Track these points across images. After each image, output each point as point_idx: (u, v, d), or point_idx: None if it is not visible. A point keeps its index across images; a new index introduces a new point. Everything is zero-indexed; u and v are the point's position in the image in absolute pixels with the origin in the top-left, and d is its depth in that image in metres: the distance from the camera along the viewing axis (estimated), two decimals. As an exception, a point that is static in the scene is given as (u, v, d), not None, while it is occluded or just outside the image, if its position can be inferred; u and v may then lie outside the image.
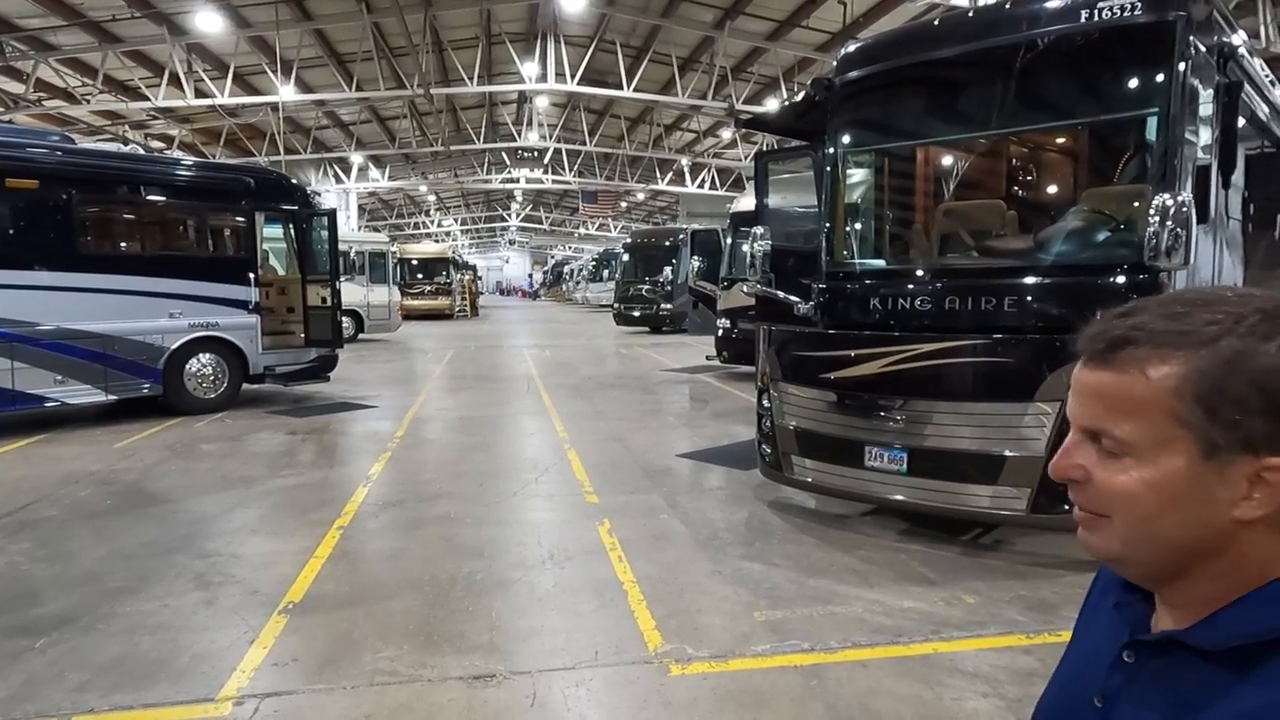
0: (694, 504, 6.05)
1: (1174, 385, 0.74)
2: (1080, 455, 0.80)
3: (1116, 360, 0.76)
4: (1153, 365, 0.75)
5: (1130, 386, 0.75)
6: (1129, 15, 4.82)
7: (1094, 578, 1.02)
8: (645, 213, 49.89)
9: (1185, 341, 0.74)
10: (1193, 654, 0.76)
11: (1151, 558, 0.78)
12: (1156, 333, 0.75)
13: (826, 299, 5.88)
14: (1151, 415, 0.74)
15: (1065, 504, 2.94)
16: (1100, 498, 0.78)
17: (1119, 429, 0.76)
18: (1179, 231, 4.33)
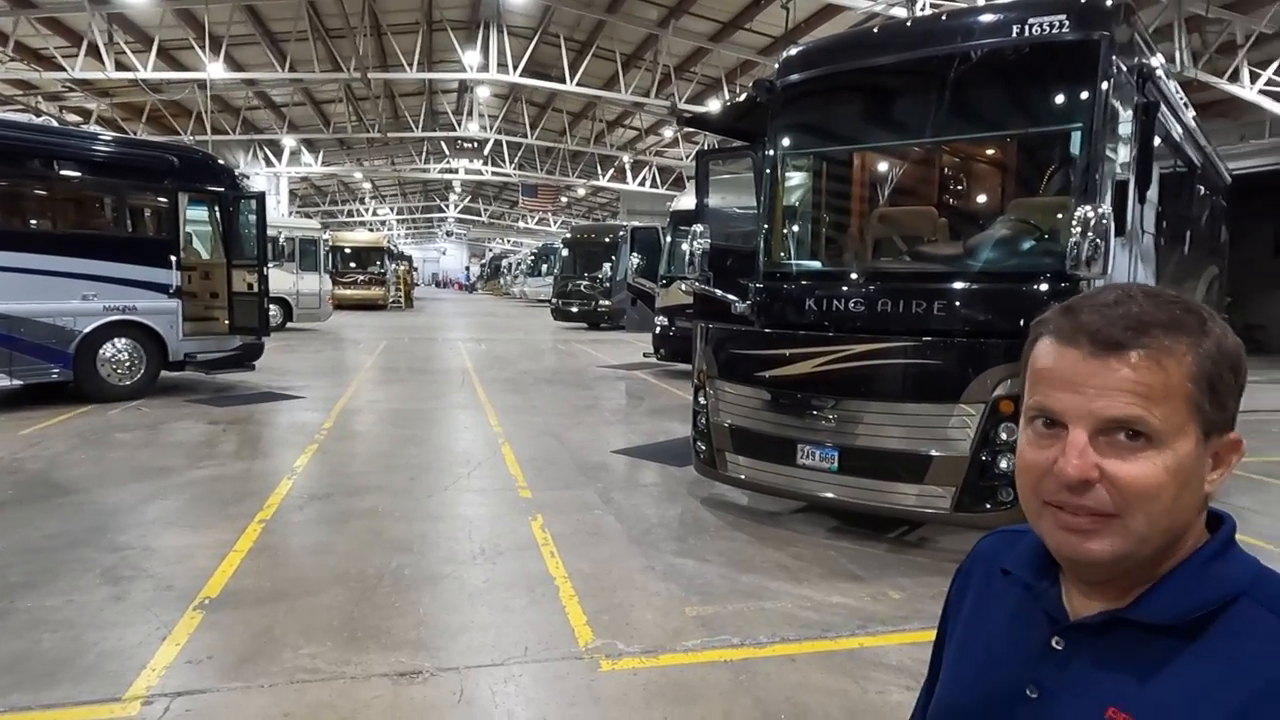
0: (628, 500, 6.04)
1: (1191, 371, 0.76)
2: (1094, 454, 0.76)
3: (1141, 347, 0.76)
4: (1174, 352, 0.77)
5: (1160, 374, 0.76)
6: (1057, 33, 4.99)
7: (963, 565, 1.03)
8: (585, 208, 49.71)
9: (1186, 330, 0.78)
10: (1139, 630, 0.78)
11: (1153, 549, 0.78)
12: (1163, 322, 0.77)
13: (763, 298, 5.94)
14: (1175, 401, 0.76)
15: (987, 503, 3.02)
16: (1118, 494, 0.76)
17: (1152, 417, 0.75)
18: (1098, 242, 4.50)
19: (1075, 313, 0.80)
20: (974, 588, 0.99)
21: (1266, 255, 20.35)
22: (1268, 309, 20.76)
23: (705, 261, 6.28)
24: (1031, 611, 0.87)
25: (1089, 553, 0.77)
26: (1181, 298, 0.81)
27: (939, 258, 5.59)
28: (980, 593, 0.98)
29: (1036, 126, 5.57)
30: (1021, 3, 5.77)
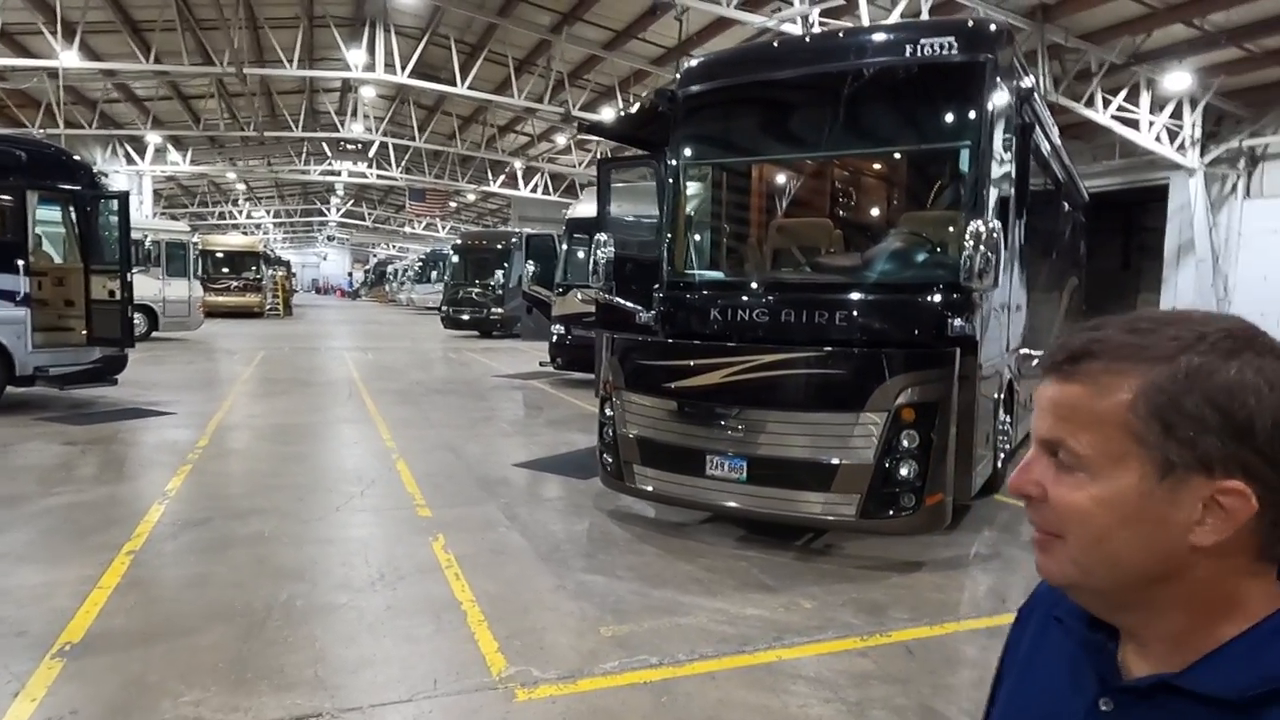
0: (533, 515, 5.87)
1: (1129, 399, 0.72)
2: (1038, 471, 0.77)
3: (1076, 373, 0.75)
4: (1110, 378, 0.73)
5: (1087, 399, 0.74)
6: (945, 54, 5.19)
7: (1023, 606, 0.99)
8: (475, 214, 48.76)
9: (1144, 356, 0.72)
10: (1190, 701, 0.72)
11: (1107, 583, 0.75)
12: (1116, 346, 0.74)
13: (667, 308, 5.92)
14: (1107, 429, 0.72)
15: (890, 510, 3.06)
16: (1054, 515, 0.75)
17: (1075, 441, 0.74)
18: (989, 255, 4.68)
19: (1060, 338, 0.80)
20: (1031, 632, 0.94)
21: (1116, 268, 22.13)
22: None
23: (609, 270, 6.19)
24: (1084, 667, 0.81)
25: (1043, 568, 0.79)
26: (1187, 321, 0.74)
27: (839, 269, 5.72)
28: (1036, 639, 0.92)
29: (927, 143, 5.79)
30: (913, 24, 6.01)
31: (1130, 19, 12.07)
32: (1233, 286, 14.81)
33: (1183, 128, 14.11)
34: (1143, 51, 12.91)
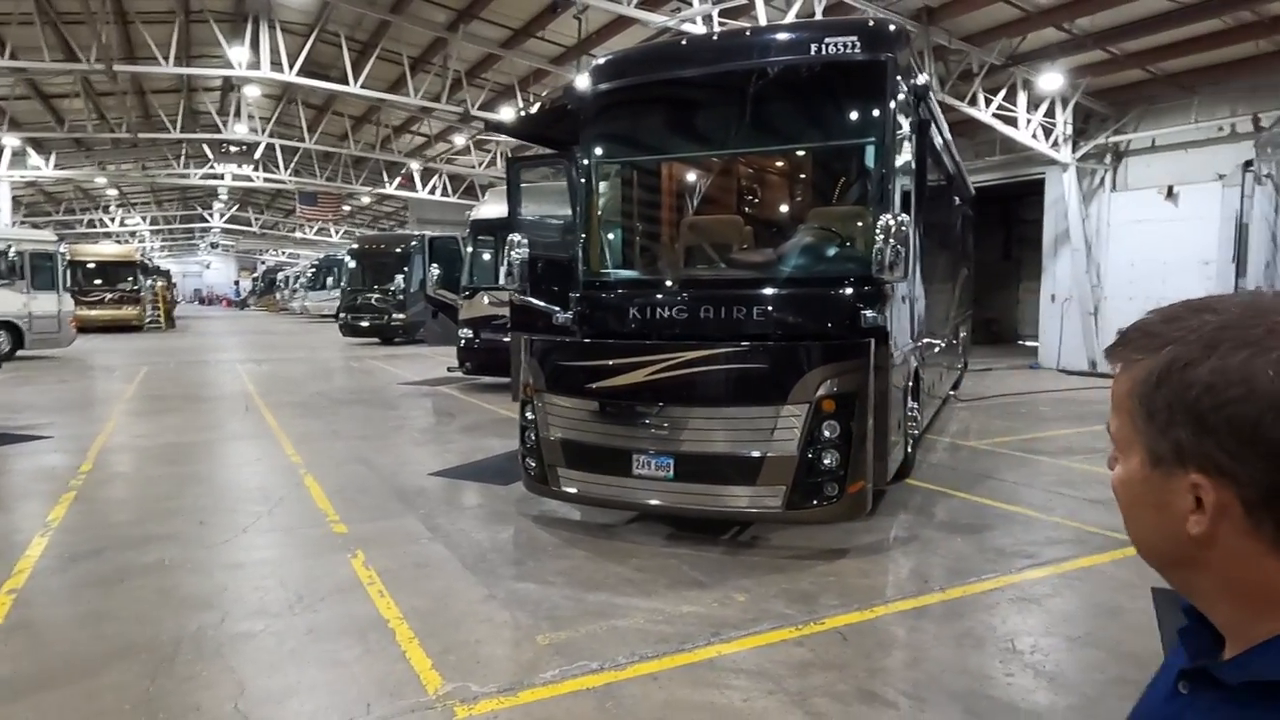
0: (455, 525, 5.71)
1: (1128, 387, 0.76)
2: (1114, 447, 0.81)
3: (1112, 355, 0.79)
4: (1130, 364, 0.76)
5: (1115, 382, 0.79)
6: (848, 53, 5.32)
7: None
8: (371, 217, 47.21)
9: (1150, 345, 0.75)
10: (1227, 690, 0.72)
11: (1149, 562, 0.78)
12: (1142, 333, 0.77)
13: (584, 308, 5.87)
14: (1121, 414, 0.77)
15: (814, 500, 3.12)
16: None
17: (1110, 421, 0.80)
18: (899, 248, 4.83)
19: None
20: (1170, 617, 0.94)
21: (998, 258, 23.41)
22: (1000, 305, 23.88)
23: (524, 271, 6.08)
24: (1180, 650, 0.82)
25: None
26: (1216, 309, 0.73)
27: (755, 265, 5.79)
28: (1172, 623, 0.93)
29: (832, 140, 5.94)
30: (817, 23, 6.15)
31: (1007, 22, 12.72)
32: (1104, 273, 15.85)
33: (1056, 125, 15.00)
34: (1019, 53, 13.65)
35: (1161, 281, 14.92)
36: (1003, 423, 10.12)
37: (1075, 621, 4.05)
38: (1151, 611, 3.45)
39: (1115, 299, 15.75)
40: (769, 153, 6.68)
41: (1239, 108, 13.79)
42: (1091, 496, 6.46)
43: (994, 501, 6.31)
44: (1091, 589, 4.49)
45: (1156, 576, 1.30)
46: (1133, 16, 11.99)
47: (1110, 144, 15.57)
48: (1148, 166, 15.30)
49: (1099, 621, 4.04)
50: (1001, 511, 6.04)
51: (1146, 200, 15.16)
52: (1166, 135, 14.86)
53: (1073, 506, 6.16)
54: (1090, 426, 9.79)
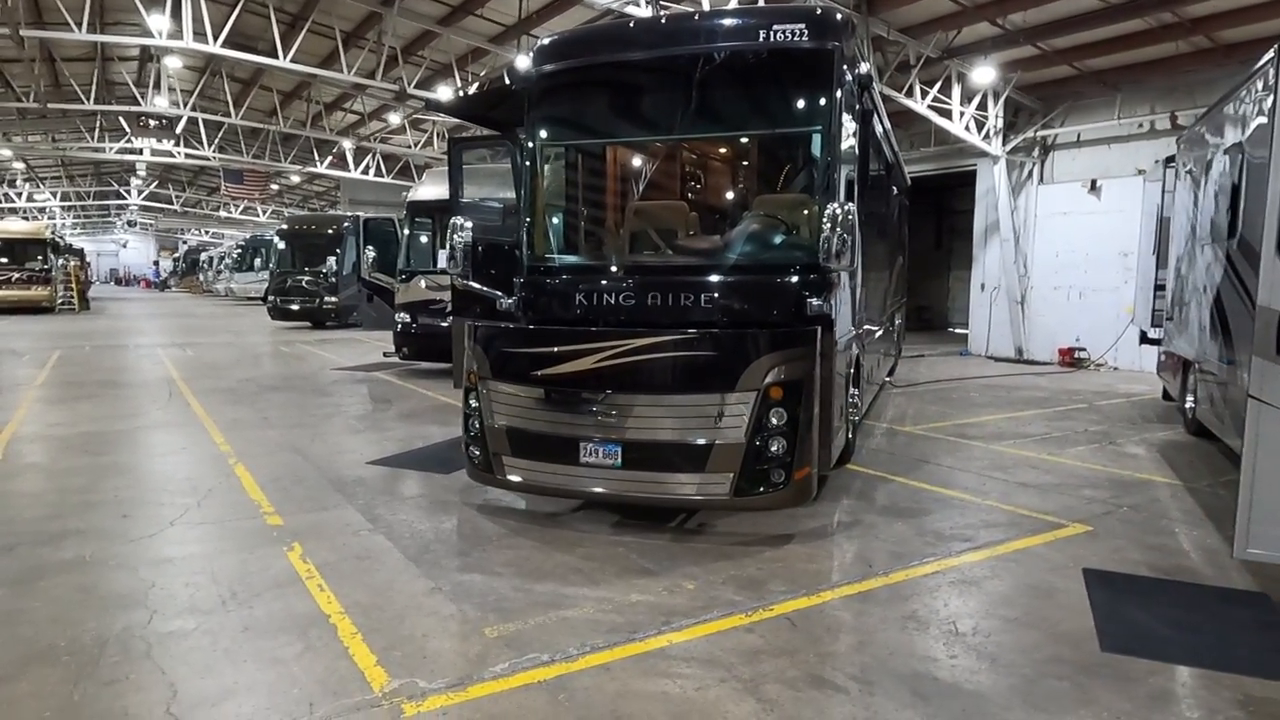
0: (396, 515, 5.56)
1: None
2: None
3: None
4: None
5: None
6: (796, 40, 5.33)
7: None
8: (300, 197, 45.68)
9: None
10: None
11: None
12: None
13: (529, 294, 5.77)
14: None
15: (761, 487, 3.14)
16: None
17: None
18: (845, 237, 4.87)
19: None
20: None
21: (931, 248, 24.01)
22: (932, 292, 24.52)
23: (467, 255, 5.93)
24: None
25: None
26: None
27: (702, 252, 5.77)
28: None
29: (779, 127, 5.94)
30: (764, 9, 6.12)
31: (944, 15, 12.97)
32: (1032, 263, 16.38)
33: (988, 118, 15.40)
34: (954, 46, 13.94)
35: (1084, 272, 15.54)
36: (936, 408, 10.38)
37: (1012, 603, 4.17)
38: (1083, 592, 3.60)
39: (1041, 288, 16.31)
40: (715, 138, 6.65)
41: (1158, 106, 14.37)
42: (1022, 480, 6.67)
43: (931, 486, 6.46)
44: (1026, 571, 4.63)
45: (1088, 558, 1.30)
46: (1062, 14, 12.36)
47: (1038, 138, 16.06)
48: (1073, 160, 15.84)
49: (1034, 603, 4.17)
50: (939, 496, 6.19)
51: (1071, 193, 15.70)
52: (1091, 130, 15.40)
53: (1005, 490, 6.35)
54: (1018, 412, 10.13)
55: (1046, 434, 8.66)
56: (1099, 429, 8.99)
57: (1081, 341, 15.46)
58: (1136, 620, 3.96)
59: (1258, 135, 4.80)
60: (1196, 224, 6.78)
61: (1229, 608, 4.19)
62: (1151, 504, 6.02)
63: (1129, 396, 11.51)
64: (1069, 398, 11.40)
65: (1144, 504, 6.01)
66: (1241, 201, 5.13)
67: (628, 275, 5.50)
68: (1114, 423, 9.41)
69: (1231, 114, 5.74)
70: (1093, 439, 8.41)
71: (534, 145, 6.00)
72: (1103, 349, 15.06)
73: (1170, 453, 7.77)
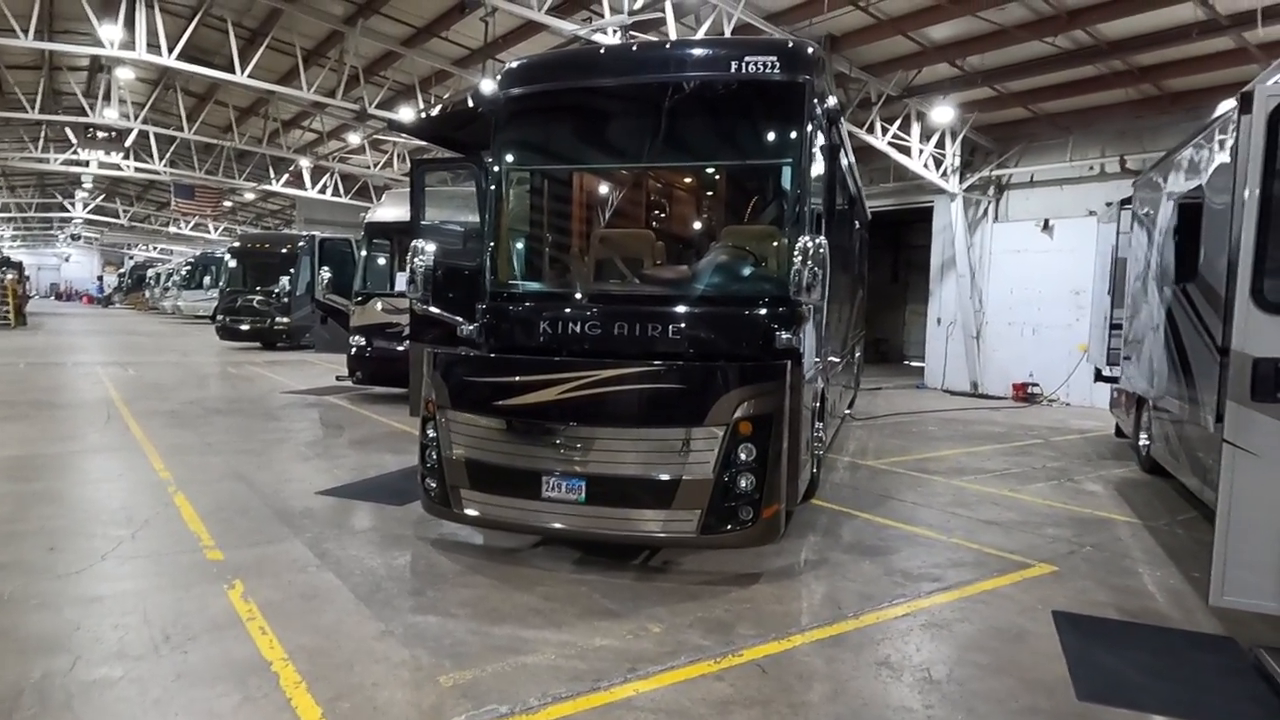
0: (346, 551, 5.30)
1: None
2: None
3: None
4: None
5: None
6: (768, 72, 5.30)
7: None
8: (254, 215, 44.74)
9: None
10: None
11: None
12: None
13: (492, 321, 5.60)
14: None
15: (729, 524, 3.01)
16: None
17: None
18: (816, 270, 4.80)
19: None
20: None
21: (888, 280, 24.36)
22: (888, 325, 24.84)
23: (428, 279, 5.73)
24: None
25: None
26: None
27: (670, 282, 5.67)
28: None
29: (749, 159, 5.90)
30: (736, 41, 6.12)
31: (904, 55, 13.22)
32: (987, 299, 16.67)
33: (946, 156, 15.71)
34: (914, 85, 14.21)
35: (1037, 309, 15.85)
36: (896, 442, 10.39)
37: (985, 648, 4.08)
38: (1054, 635, 3.47)
39: (996, 324, 16.60)
40: (683, 168, 6.58)
41: (1108, 149, 14.81)
42: (985, 517, 6.65)
43: (896, 523, 6.39)
44: (995, 613, 4.56)
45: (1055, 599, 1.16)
46: (1018, 58, 12.71)
47: (994, 177, 16.42)
48: (1026, 200, 16.22)
49: (1007, 647, 4.09)
50: (904, 533, 6.12)
51: (1025, 231, 16.06)
52: (1044, 171, 15.79)
53: (969, 527, 6.32)
54: (977, 447, 10.19)
55: (1006, 469, 8.70)
56: (1056, 465, 9.07)
57: (1035, 377, 15.72)
58: (1109, 666, 3.89)
59: (1218, 181, 4.89)
60: (1153, 265, 6.91)
61: (1199, 653, 4.16)
62: (1113, 543, 6.03)
63: (1083, 433, 11.69)
64: (1025, 433, 11.52)
65: (1106, 543, 6.01)
66: (1201, 245, 5.20)
67: (593, 304, 5.37)
68: (1070, 459, 9.51)
69: (1190, 160, 5.85)
70: (1051, 475, 8.47)
71: (500, 169, 5.86)
72: (1055, 385, 15.33)
73: (1127, 490, 7.85)
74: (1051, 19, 11.45)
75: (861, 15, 11.79)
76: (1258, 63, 11.83)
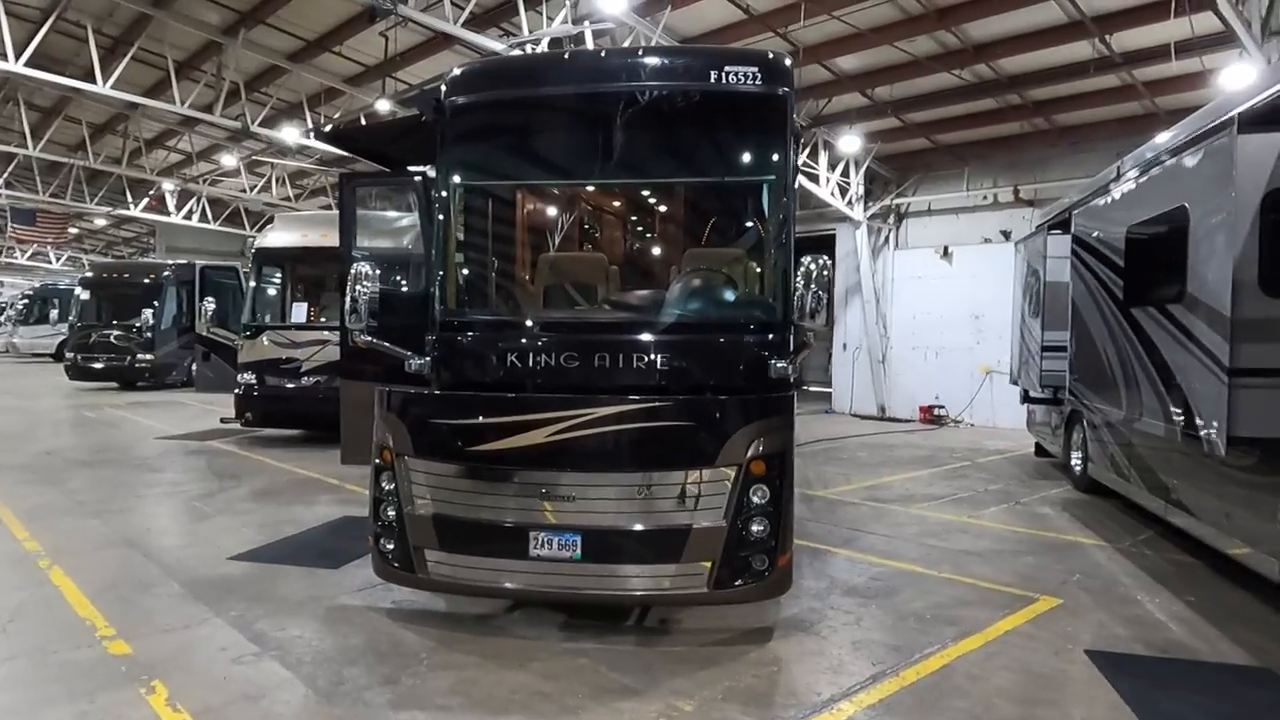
0: (286, 631, 4.44)
1: None
2: None
3: None
4: None
5: None
6: (749, 84, 4.94)
7: None
8: (104, 243, 40.93)
9: None
10: None
11: None
12: None
13: (445, 353, 4.89)
14: None
15: (744, 576, 2.44)
16: None
17: None
18: (821, 294, 4.43)
19: None
20: None
21: (787, 307, 24.68)
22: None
23: (372, 308, 4.97)
24: None
25: None
26: None
27: (657, 306, 5.15)
28: None
29: (730, 174, 5.47)
30: (713, 50, 5.74)
31: (818, 83, 13.34)
32: (891, 324, 17.04)
33: (850, 185, 16.01)
34: (823, 115, 14.41)
35: (940, 333, 16.30)
36: (834, 469, 10.23)
37: (1042, 699, 3.75)
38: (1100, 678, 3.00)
39: (900, 348, 16.97)
40: (660, 184, 6.06)
41: (1000, 179, 15.49)
42: (961, 547, 6.45)
43: (879, 559, 6.07)
44: (1029, 656, 4.26)
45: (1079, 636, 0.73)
46: (926, 89, 13.07)
47: (894, 205, 16.88)
48: (925, 227, 16.73)
49: (1061, 695, 3.78)
50: (894, 570, 5.80)
51: (925, 258, 16.54)
52: (940, 200, 16.35)
53: (952, 559, 6.08)
54: (913, 471, 10.15)
55: (954, 494, 8.63)
56: (997, 488, 9.09)
57: (940, 399, 16.11)
58: (1175, 712, 3.65)
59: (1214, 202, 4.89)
60: (1109, 288, 6.97)
61: (1245, 688, 4.00)
62: (1096, 569, 5.92)
63: (1002, 453, 11.91)
64: (949, 455, 11.63)
65: (1090, 570, 5.90)
66: (1189, 264, 5.19)
67: (568, 333, 4.77)
68: (1005, 480, 9.59)
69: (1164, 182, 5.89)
70: (998, 498, 8.44)
71: (449, 185, 5.20)
72: (960, 406, 15.75)
73: (1076, 511, 7.87)
74: (959, 51, 11.81)
75: (781, 42, 11.78)
76: (1141, 99, 12.66)
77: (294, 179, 24.10)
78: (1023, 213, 15.32)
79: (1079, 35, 11.06)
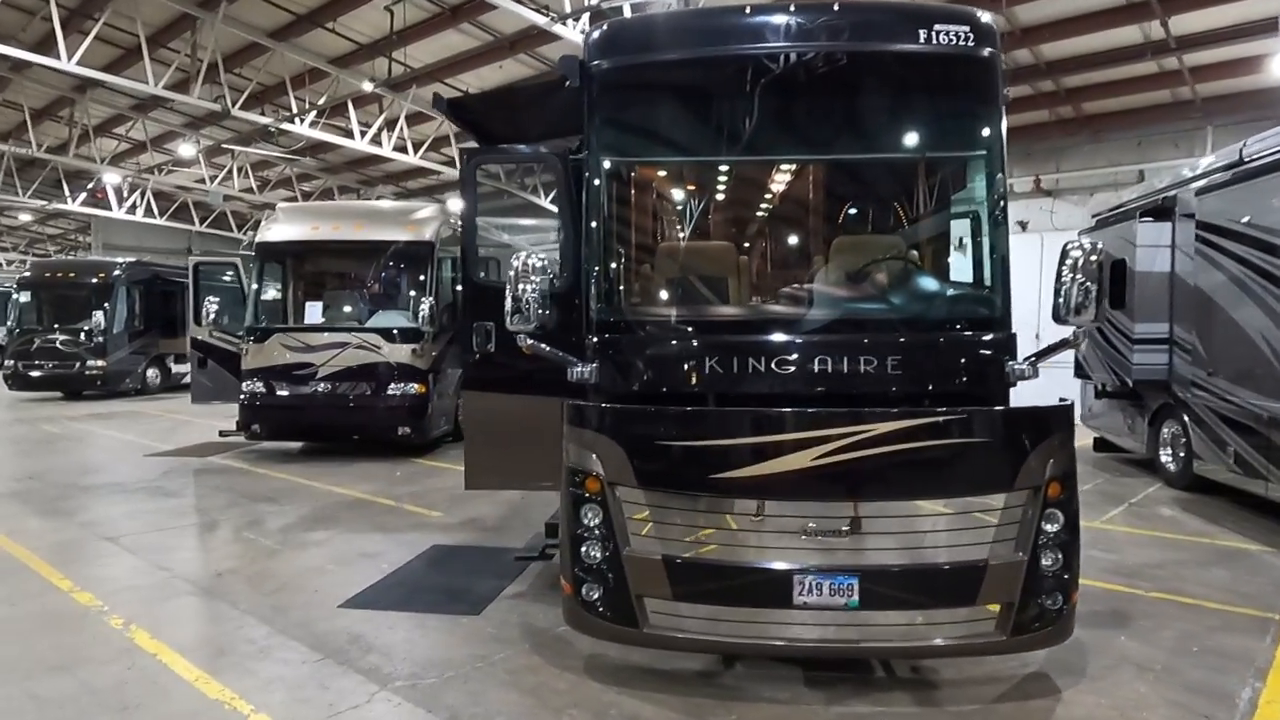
0: (483, 706, 3.59)
1: None
2: None
3: None
4: None
5: None
6: (961, 44, 4.31)
7: None
8: (25, 239, 37.99)
9: None
10: None
11: None
12: None
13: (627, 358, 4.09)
14: None
15: (1039, 620, 1.65)
16: None
17: None
18: (1089, 286, 3.83)
19: None
20: None
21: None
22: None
23: (543, 306, 4.13)
24: None
25: None
26: None
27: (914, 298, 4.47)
28: None
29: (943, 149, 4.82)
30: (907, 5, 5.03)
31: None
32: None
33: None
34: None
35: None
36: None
37: None
38: None
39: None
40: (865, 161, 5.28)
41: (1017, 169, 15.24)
42: (1135, 560, 5.95)
43: (1063, 576, 5.50)
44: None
45: None
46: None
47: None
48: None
49: None
50: (1099, 592, 5.18)
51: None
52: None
53: (1148, 575, 5.56)
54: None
55: (1058, 497, 8.17)
56: (1088, 487, 8.66)
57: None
58: None
59: None
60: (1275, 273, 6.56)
61: None
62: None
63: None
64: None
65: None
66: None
67: (805, 331, 4.01)
68: (1095, 479, 9.18)
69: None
70: (1111, 500, 8.01)
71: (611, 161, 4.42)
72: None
73: (1199, 510, 7.46)
74: (1006, 34, 11.43)
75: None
76: (1174, 86, 12.52)
77: (256, 169, 22.50)
78: (1041, 203, 15.16)
79: (1130, 19, 10.80)
